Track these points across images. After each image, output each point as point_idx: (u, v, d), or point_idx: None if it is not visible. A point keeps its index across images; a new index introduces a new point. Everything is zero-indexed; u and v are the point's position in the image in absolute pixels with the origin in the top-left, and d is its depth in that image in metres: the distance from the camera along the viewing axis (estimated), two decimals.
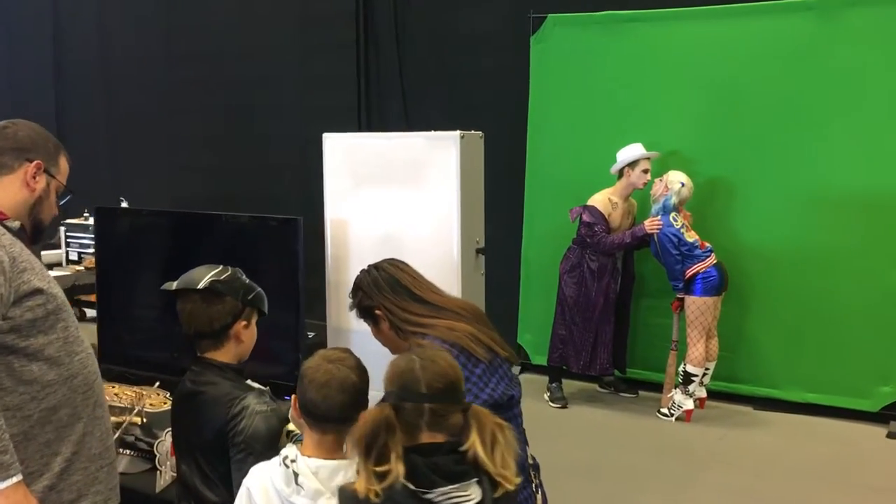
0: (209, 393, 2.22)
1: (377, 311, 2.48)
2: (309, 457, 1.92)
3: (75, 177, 2.32)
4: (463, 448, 1.73)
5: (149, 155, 8.32)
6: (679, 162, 5.60)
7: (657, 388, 5.65)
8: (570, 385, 5.89)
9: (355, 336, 3.20)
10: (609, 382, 5.98)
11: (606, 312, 5.56)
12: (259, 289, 2.36)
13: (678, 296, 5.37)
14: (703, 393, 5.50)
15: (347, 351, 2.01)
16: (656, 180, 5.41)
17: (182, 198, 7.94)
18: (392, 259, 2.56)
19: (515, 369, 6.12)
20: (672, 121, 5.68)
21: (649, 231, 5.31)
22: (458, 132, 2.98)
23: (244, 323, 2.29)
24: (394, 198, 3.33)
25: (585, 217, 5.48)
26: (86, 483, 2.04)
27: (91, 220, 7.79)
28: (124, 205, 8.06)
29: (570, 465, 4.49)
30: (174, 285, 2.31)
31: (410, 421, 1.73)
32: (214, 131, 7.85)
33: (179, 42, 8.03)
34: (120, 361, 3.45)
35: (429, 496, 1.69)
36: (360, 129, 6.90)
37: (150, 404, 3.14)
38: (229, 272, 2.32)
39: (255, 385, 2.28)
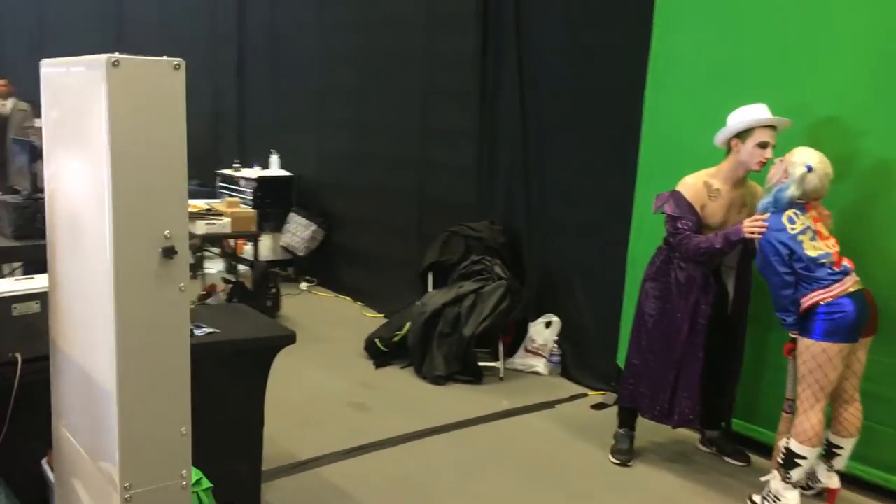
0: None
1: None
2: None
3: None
4: None
5: (299, 115, 7.90)
6: (831, 135, 3.74)
7: None
8: (657, 431, 4.32)
9: None
10: (712, 440, 4.30)
11: (693, 342, 3.91)
12: None
13: (791, 335, 3.59)
14: (832, 481, 3.69)
15: None
16: (776, 160, 3.63)
17: (326, 154, 7.60)
18: None
19: (610, 398, 4.70)
20: (828, 74, 3.80)
21: (747, 235, 3.58)
22: (105, 56, 1.85)
23: None
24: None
25: (667, 208, 3.87)
26: None
27: (242, 171, 7.72)
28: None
29: None
30: None
31: None
32: (360, 86, 7.15)
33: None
34: None
35: None
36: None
37: None
38: None
39: None
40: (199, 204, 6.19)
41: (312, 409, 4.73)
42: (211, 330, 3.35)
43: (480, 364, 5.32)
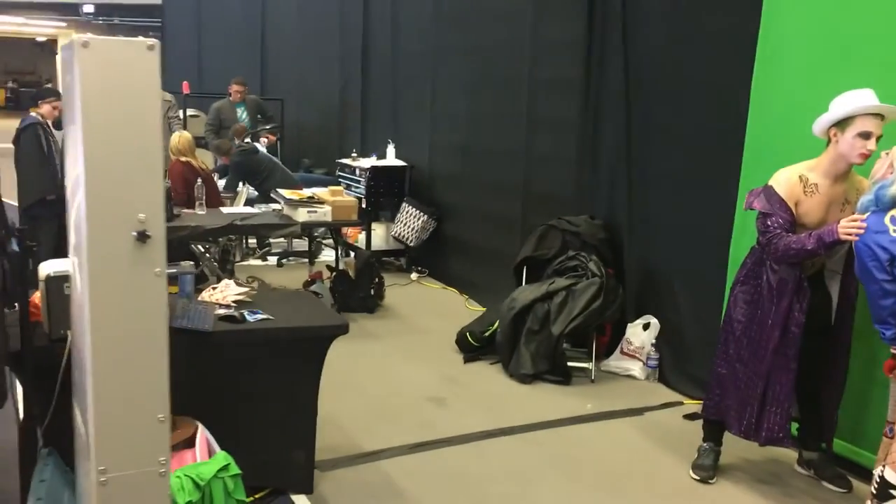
0: None
1: None
2: None
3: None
4: None
5: (415, 106, 7.89)
6: None
7: None
8: (751, 448, 3.95)
9: None
10: (810, 461, 3.90)
11: (785, 352, 3.54)
12: None
13: (892, 351, 3.16)
14: None
15: None
16: (882, 153, 3.21)
17: (439, 145, 7.55)
18: None
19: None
20: None
21: (842, 236, 3.19)
22: (76, 37, 1.81)
23: None
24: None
25: (757, 204, 3.52)
26: None
27: (358, 161, 7.83)
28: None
29: None
30: None
31: None
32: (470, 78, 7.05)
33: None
34: None
35: None
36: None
37: None
38: None
39: None
40: (303, 192, 6.28)
41: (390, 400, 4.68)
42: (264, 316, 3.36)
43: (571, 364, 5.10)
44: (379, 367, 5.23)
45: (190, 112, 10.01)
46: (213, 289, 3.57)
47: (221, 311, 3.33)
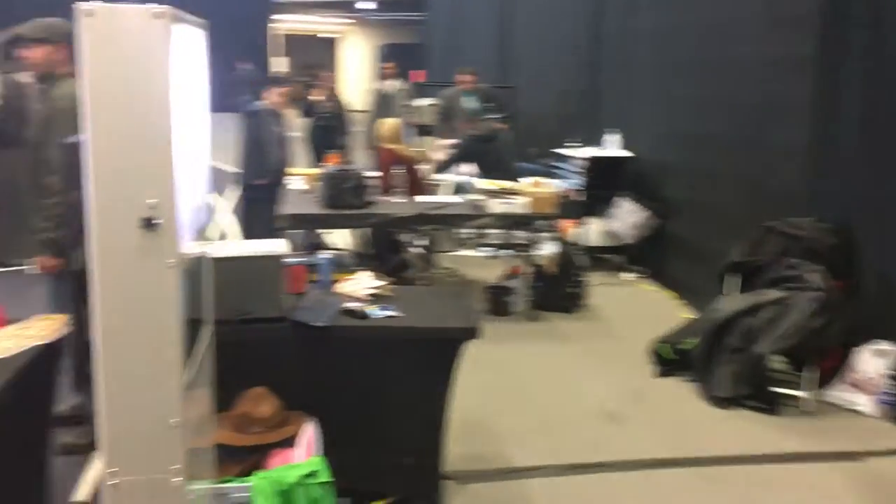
0: None
1: None
2: None
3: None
4: None
5: (641, 93, 7.30)
6: None
7: None
8: None
9: None
10: None
11: None
12: None
13: None
14: None
15: None
16: None
17: (664, 134, 6.93)
18: None
19: None
20: None
21: None
22: (81, 4, 1.62)
23: None
24: None
25: None
26: None
27: (574, 151, 7.49)
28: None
29: None
30: None
31: None
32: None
33: None
34: None
35: None
36: None
37: None
38: None
39: None
40: (502, 182, 6.01)
41: (558, 411, 4.29)
42: (392, 313, 3.14)
43: (780, 391, 4.36)
44: (556, 373, 4.83)
45: (424, 101, 10.13)
46: (351, 280, 3.41)
47: (349, 305, 3.16)
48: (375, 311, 3.13)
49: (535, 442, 3.90)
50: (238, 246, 3.22)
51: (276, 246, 3.10)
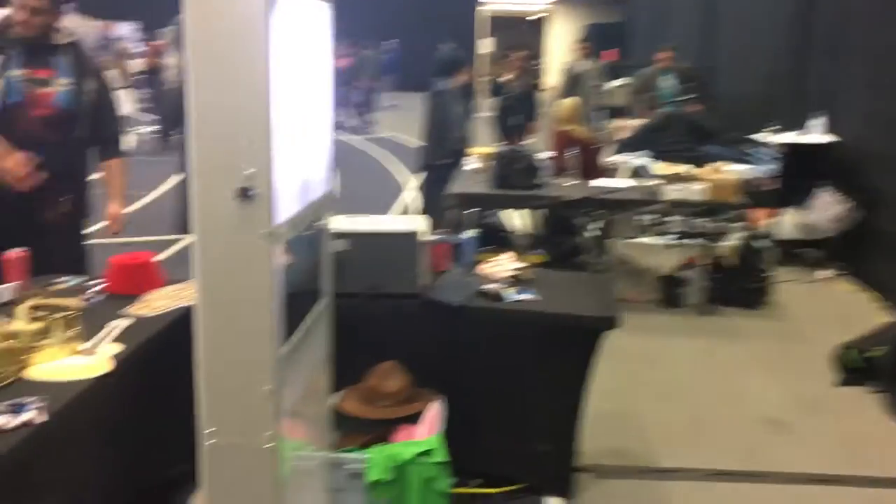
0: None
1: None
2: None
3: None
4: None
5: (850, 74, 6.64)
6: None
7: None
8: None
9: None
10: None
11: None
12: None
13: None
14: None
15: None
16: None
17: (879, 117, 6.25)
18: None
19: None
20: None
21: None
22: None
23: None
24: None
25: None
26: None
27: (770, 136, 7.00)
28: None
29: None
30: None
31: None
32: None
33: None
34: None
35: None
36: None
37: None
38: None
39: None
40: (680, 167, 5.69)
41: (717, 412, 4.02)
42: (527, 297, 3.07)
43: None
44: (720, 372, 4.53)
45: (615, 82, 9.84)
46: (494, 261, 3.37)
47: (486, 287, 3.11)
48: (511, 294, 3.07)
49: (683, 442, 3.68)
50: (376, 222, 3.27)
51: (414, 223, 3.12)
